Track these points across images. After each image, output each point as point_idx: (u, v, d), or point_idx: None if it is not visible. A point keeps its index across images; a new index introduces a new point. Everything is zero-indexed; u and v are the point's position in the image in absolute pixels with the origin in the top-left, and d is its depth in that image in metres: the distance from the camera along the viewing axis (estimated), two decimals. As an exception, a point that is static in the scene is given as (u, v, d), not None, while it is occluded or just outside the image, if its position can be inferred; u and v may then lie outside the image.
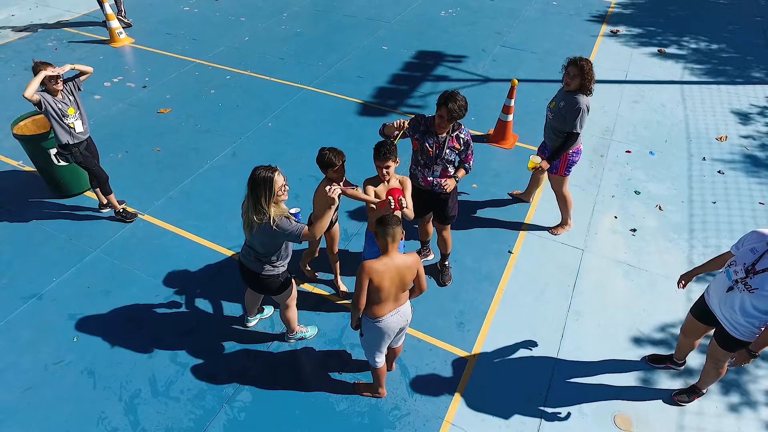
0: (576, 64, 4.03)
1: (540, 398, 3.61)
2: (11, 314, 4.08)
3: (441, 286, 4.37)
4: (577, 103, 4.10)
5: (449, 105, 3.42)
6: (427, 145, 3.67)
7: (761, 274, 2.78)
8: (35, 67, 4.18)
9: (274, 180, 2.90)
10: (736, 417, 3.52)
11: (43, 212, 5.07)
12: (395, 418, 3.47)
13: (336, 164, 3.51)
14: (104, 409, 3.48)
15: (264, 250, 3.14)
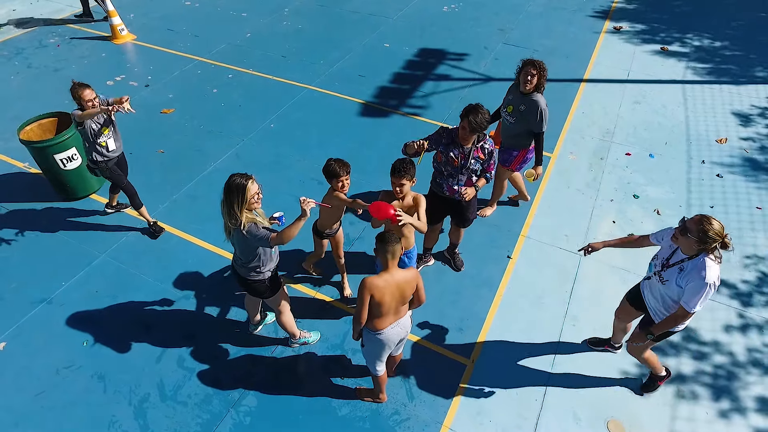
0: (533, 65, 4.13)
1: (536, 403, 3.73)
2: (22, 319, 4.20)
3: (457, 271, 4.60)
4: (537, 104, 4.23)
5: (470, 117, 3.52)
6: (452, 155, 3.75)
7: (672, 267, 3.01)
8: (73, 90, 4.17)
9: (247, 188, 3.00)
10: (726, 423, 3.63)
11: (50, 215, 5.16)
12: (395, 423, 3.59)
13: (341, 175, 3.57)
14: (115, 413, 3.60)
15: (242, 255, 3.25)
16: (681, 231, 2.92)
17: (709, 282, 2.85)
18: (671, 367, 3.95)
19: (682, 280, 2.97)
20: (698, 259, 2.92)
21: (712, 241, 2.81)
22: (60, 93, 6.92)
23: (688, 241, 2.87)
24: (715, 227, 2.81)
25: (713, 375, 3.91)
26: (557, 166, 5.90)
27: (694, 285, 2.90)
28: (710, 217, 2.84)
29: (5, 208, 5.23)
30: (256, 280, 3.36)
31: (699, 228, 2.82)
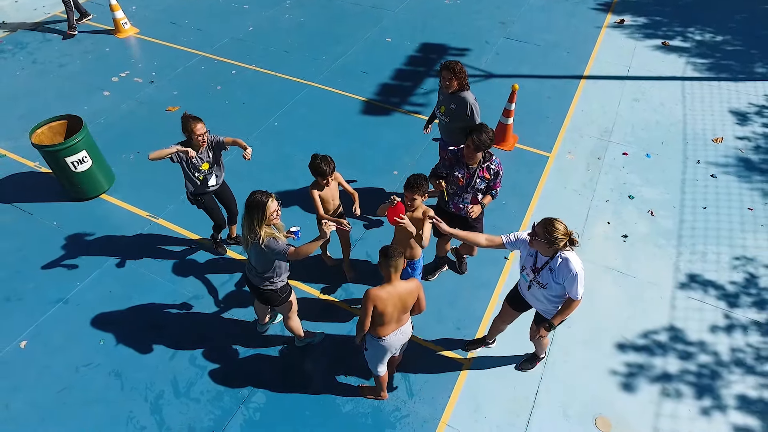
0: (448, 68, 4.22)
1: (529, 401, 3.95)
2: (41, 318, 4.41)
3: (460, 274, 4.76)
4: (466, 101, 4.34)
5: (474, 135, 3.61)
6: (458, 175, 3.86)
7: (543, 270, 3.23)
8: (185, 122, 4.01)
9: (267, 205, 3.18)
10: (707, 420, 3.86)
11: (63, 215, 5.33)
12: (396, 419, 3.82)
13: (326, 171, 3.86)
14: (132, 409, 3.84)
15: (259, 266, 3.42)
16: (532, 236, 3.13)
17: (578, 270, 3.11)
18: (658, 366, 4.17)
19: (558, 278, 3.19)
20: (559, 258, 3.15)
21: (560, 241, 3.03)
22: (64, 91, 7.05)
23: (540, 245, 3.09)
24: (560, 229, 3.04)
25: (697, 374, 4.13)
26: (555, 166, 6.02)
27: (569, 279, 3.14)
28: (554, 220, 3.06)
29: (18, 208, 5.40)
30: (269, 290, 3.54)
31: (545, 231, 3.04)
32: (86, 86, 7.14)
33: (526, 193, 5.64)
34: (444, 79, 4.28)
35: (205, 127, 4.03)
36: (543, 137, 6.43)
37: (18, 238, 5.09)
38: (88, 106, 6.79)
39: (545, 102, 6.98)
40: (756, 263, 4.98)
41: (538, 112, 6.83)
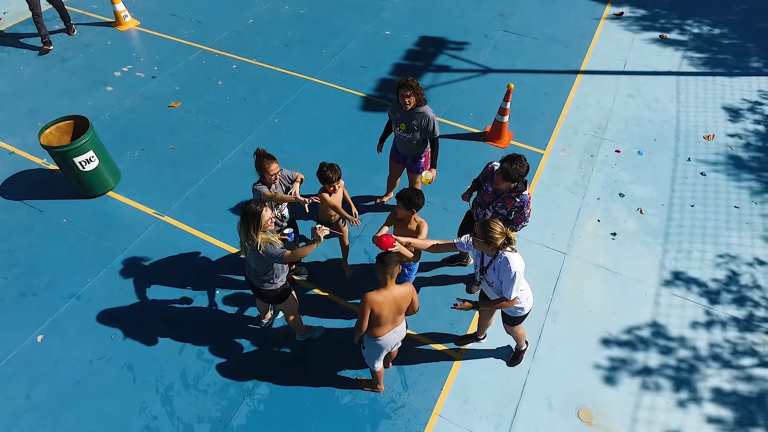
0: (406, 85, 4.31)
1: (516, 393, 4.20)
2: (56, 313, 4.64)
3: (469, 293, 4.87)
4: (425, 116, 4.49)
5: (506, 164, 3.71)
6: (487, 189, 4.03)
7: (488, 269, 3.49)
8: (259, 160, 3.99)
9: (261, 215, 3.38)
10: (682, 412, 4.11)
11: (71, 212, 5.53)
12: (391, 410, 4.08)
13: (333, 181, 4.05)
14: (144, 400, 4.10)
15: (259, 269, 3.63)
16: (473, 238, 3.36)
17: (516, 271, 3.34)
18: (639, 360, 4.41)
19: (501, 276, 3.42)
20: (500, 257, 3.37)
21: (497, 240, 3.26)
22: (68, 86, 7.16)
23: (481, 244, 3.32)
24: (496, 229, 3.27)
25: (676, 368, 4.37)
26: (549, 164, 6.18)
27: (506, 278, 3.38)
28: (491, 222, 3.29)
29: (29, 205, 5.60)
30: (269, 290, 3.76)
31: (483, 232, 3.27)
32: (89, 81, 7.26)
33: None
34: (403, 96, 4.33)
35: (279, 167, 4.02)
36: (538, 134, 6.57)
37: (30, 234, 5.30)
38: (92, 101, 6.92)
39: (541, 98, 7.09)
40: (738, 261, 5.18)
41: (535, 108, 6.95)
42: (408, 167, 5.04)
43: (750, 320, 4.70)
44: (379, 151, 5.13)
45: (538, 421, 4.04)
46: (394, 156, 5.09)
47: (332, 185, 4.16)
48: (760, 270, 5.10)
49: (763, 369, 4.37)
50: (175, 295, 4.80)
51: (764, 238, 5.39)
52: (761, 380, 4.30)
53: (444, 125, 6.66)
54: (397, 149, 4.95)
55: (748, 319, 4.71)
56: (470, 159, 6.21)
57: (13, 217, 5.46)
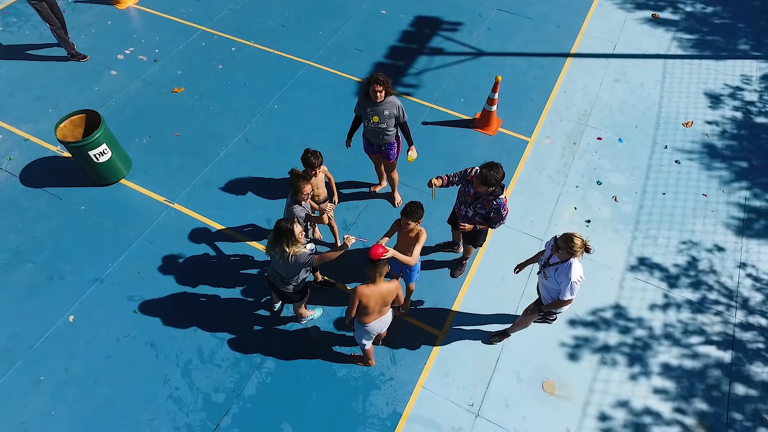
0: (378, 81, 4.68)
1: (490, 367, 4.82)
2: (83, 295, 5.20)
3: (452, 277, 5.38)
4: (394, 104, 4.88)
5: (485, 170, 4.08)
6: (469, 191, 4.43)
7: (549, 267, 4.01)
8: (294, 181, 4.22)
9: (293, 231, 3.85)
10: (633, 384, 4.75)
11: (88, 200, 5.98)
12: (381, 382, 4.71)
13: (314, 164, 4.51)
14: (167, 373, 4.73)
15: (285, 274, 4.14)
16: (555, 248, 3.88)
17: (575, 280, 3.86)
18: (600, 339, 5.01)
19: (558, 277, 3.95)
20: (567, 263, 3.88)
21: (577, 252, 3.77)
22: (74, 70, 7.39)
23: (561, 254, 3.83)
24: (577, 243, 3.74)
25: (632, 346, 4.97)
26: (534, 152, 6.56)
27: (564, 282, 3.91)
28: (573, 236, 3.76)
29: (49, 193, 6.04)
30: (290, 291, 4.30)
31: (566, 245, 3.77)
32: (94, 65, 7.49)
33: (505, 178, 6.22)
34: (374, 91, 4.71)
35: (311, 187, 4.34)
36: (525, 121, 6.90)
37: (52, 221, 5.78)
38: (98, 87, 7.20)
39: (531, 83, 7.35)
40: (699, 247, 5.68)
41: (524, 93, 7.22)
42: (382, 155, 5.39)
43: (702, 302, 5.26)
44: (347, 146, 5.41)
45: (508, 391, 4.68)
46: (368, 149, 5.45)
47: (314, 170, 4.59)
48: (717, 256, 5.61)
49: (707, 346, 4.97)
50: (188, 278, 5.34)
51: (725, 225, 5.86)
52: (704, 356, 4.91)
53: (435, 111, 6.97)
54: (370, 141, 5.28)
55: (701, 301, 5.27)
56: (459, 146, 6.58)
57: (35, 204, 5.92)
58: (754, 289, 5.37)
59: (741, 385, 4.75)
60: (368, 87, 4.77)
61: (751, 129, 6.84)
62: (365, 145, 5.44)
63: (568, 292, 3.91)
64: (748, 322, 5.14)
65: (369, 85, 4.75)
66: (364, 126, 5.14)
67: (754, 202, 6.07)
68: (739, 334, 5.06)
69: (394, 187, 5.85)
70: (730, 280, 5.43)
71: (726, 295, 5.32)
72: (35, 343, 4.89)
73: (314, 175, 4.68)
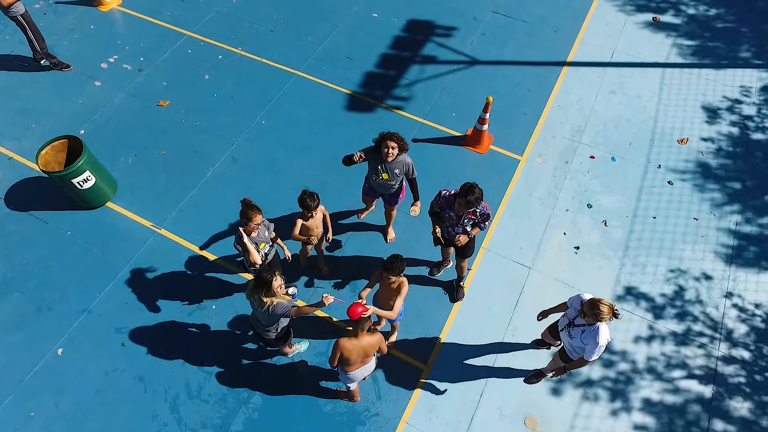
0: (392, 139, 4.57)
1: (474, 402, 4.90)
2: (71, 327, 5.24)
3: (453, 302, 5.43)
4: (406, 163, 4.83)
5: (466, 198, 4.13)
6: (450, 215, 4.49)
7: (575, 327, 4.05)
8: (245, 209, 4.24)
9: (272, 284, 3.83)
10: (614, 419, 4.83)
11: (74, 224, 5.93)
12: (366, 418, 4.80)
13: (311, 206, 4.48)
14: (155, 409, 4.81)
15: (264, 321, 4.15)
16: (582, 314, 3.83)
17: (602, 343, 3.86)
18: (584, 373, 5.07)
19: (584, 339, 3.97)
20: (595, 327, 3.87)
21: (605, 317, 3.75)
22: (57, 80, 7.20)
23: (588, 319, 3.82)
24: (604, 311, 3.71)
25: (615, 380, 5.04)
26: (525, 171, 6.47)
27: (590, 346, 3.91)
28: (600, 302, 3.73)
29: (35, 216, 5.99)
30: (271, 338, 4.32)
31: (592, 312, 3.75)
32: (77, 74, 7.30)
33: (494, 201, 6.16)
34: (386, 149, 4.57)
35: (262, 218, 4.36)
36: (517, 137, 6.78)
37: (39, 247, 5.75)
38: (81, 99, 7.04)
39: (524, 96, 7.19)
40: (687, 276, 5.68)
41: (517, 107, 7.07)
42: (385, 201, 5.38)
43: (687, 334, 5.30)
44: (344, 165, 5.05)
45: (491, 427, 4.77)
46: (368, 193, 5.40)
47: (311, 212, 4.58)
48: (704, 285, 5.62)
49: (689, 381, 5.04)
50: (175, 309, 5.36)
51: (714, 252, 5.85)
52: (685, 391, 4.98)
53: (426, 128, 6.85)
54: (374, 189, 5.23)
55: (685, 333, 5.31)
56: (450, 166, 6.49)
57: (22, 229, 5.89)
58: (739, 320, 5.40)
59: (720, 420, 4.84)
60: (381, 142, 4.62)
61: (747, 147, 6.73)
62: (367, 190, 5.38)
63: (594, 354, 3.91)
64: (730, 354, 5.19)
65: (382, 141, 4.60)
66: (369, 175, 5.03)
67: (744, 227, 6.04)
68: (721, 368, 5.12)
69: (390, 222, 5.77)
70: (715, 311, 5.45)
71: (710, 326, 5.35)
72: (25, 378, 4.95)
73: (311, 217, 4.65)
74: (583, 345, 3.98)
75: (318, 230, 4.89)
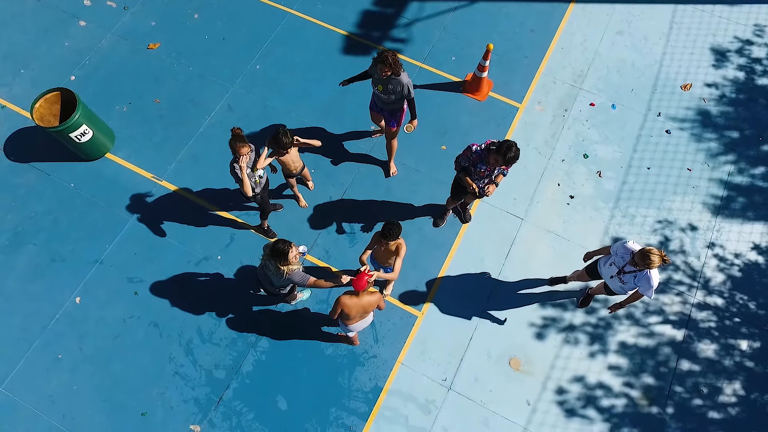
0: (382, 62, 4.63)
1: (464, 345, 5.33)
2: (85, 277, 5.54)
3: (463, 222, 5.71)
4: (400, 83, 4.89)
5: (507, 155, 4.28)
6: (481, 168, 4.61)
7: (626, 274, 4.37)
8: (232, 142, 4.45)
9: (288, 254, 4.06)
10: (590, 360, 5.29)
11: (76, 176, 6.02)
12: (365, 359, 5.25)
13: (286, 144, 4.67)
14: (171, 352, 5.24)
15: (277, 283, 4.41)
16: (632, 263, 4.18)
17: (654, 285, 4.26)
18: (567, 319, 5.45)
19: (637, 282, 4.33)
20: (645, 272, 4.23)
21: (655, 265, 4.06)
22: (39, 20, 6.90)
23: (640, 267, 4.13)
24: (655, 260, 4.03)
25: (595, 326, 5.43)
26: (523, 120, 6.43)
27: (645, 287, 4.30)
28: (650, 253, 4.02)
29: (36, 168, 6.07)
30: (280, 294, 4.60)
31: (644, 262, 4.06)
32: (60, 13, 6.97)
33: (491, 151, 6.20)
34: (380, 70, 4.71)
35: (249, 149, 4.58)
36: (517, 83, 6.64)
37: (45, 199, 5.90)
38: (68, 41, 6.80)
39: (527, 37, 6.93)
40: (673, 226, 5.88)
41: (518, 49, 6.85)
42: (385, 120, 5.45)
43: (667, 283, 5.62)
44: (341, 84, 5.35)
45: (478, 367, 5.24)
46: (373, 107, 5.50)
47: (286, 150, 4.79)
48: (689, 235, 5.85)
49: (663, 326, 5.44)
50: (182, 259, 5.63)
51: (703, 203, 6.00)
52: (659, 335, 5.39)
53: (424, 72, 6.69)
54: (376, 102, 5.35)
55: (665, 282, 5.62)
56: (447, 113, 6.44)
57: (25, 181, 5.99)
58: (718, 269, 5.69)
59: (687, 361, 5.30)
60: (375, 65, 4.74)
61: (750, 93, 6.62)
62: (371, 103, 5.47)
63: (651, 292, 4.28)
64: (705, 302, 5.54)
65: (377, 61, 4.69)
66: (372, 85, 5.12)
67: (736, 177, 6.13)
68: (695, 314, 5.49)
69: (391, 156, 5.88)
70: (696, 260, 5.73)
71: (690, 275, 5.65)
72: (48, 323, 5.34)
73: (287, 153, 4.86)
74: (635, 286, 4.35)
75: (297, 164, 5.14)
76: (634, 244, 4.29)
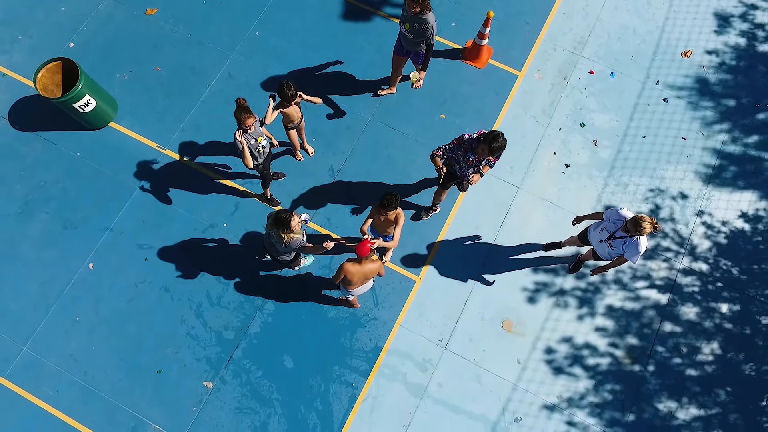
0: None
1: (459, 308, 5.63)
2: (97, 244, 5.77)
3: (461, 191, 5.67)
4: (427, 22, 5.00)
5: (492, 145, 4.33)
6: (469, 158, 4.69)
7: (616, 240, 4.57)
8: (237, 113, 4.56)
9: (290, 223, 4.27)
10: (578, 322, 5.60)
11: (81, 145, 6.14)
12: (365, 321, 5.56)
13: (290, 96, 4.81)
14: (182, 314, 5.55)
15: (281, 249, 4.64)
16: (624, 229, 4.37)
17: (641, 251, 4.47)
18: (558, 284, 5.72)
19: (625, 248, 4.52)
20: (635, 238, 4.42)
21: (646, 232, 4.25)
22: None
23: (631, 233, 4.34)
24: (647, 227, 4.22)
25: (584, 290, 5.71)
26: (522, 88, 6.47)
27: (633, 253, 4.50)
28: (642, 220, 4.20)
29: (42, 137, 6.18)
30: (284, 260, 4.83)
31: (636, 228, 4.26)
32: (54, -24, 6.86)
33: (488, 119, 6.30)
34: (408, 6, 4.86)
35: (255, 118, 4.70)
36: (517, 50, 6.63)
37: (52, 168, 6.04)
38: (65, 6, 6.72)
39: (528, 2, 6.84)
40: (664, 195, 6.06)
41: (519, 15, 6.78)
42: (412, 60, 5.69)
43: (655, 250, 5.86)
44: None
45: (472, 329, 5.56)
46: (398, 50, 5.64)
47: (290, 102, 4.91)
48: (679, 203, 6.03)
49: (648, 290, 5.71)
50: (189, 226, 5.84)
51: (695, 172, 6.15)
52: (644, 299, 5.68)
53: (425, 39, 6.64)
54: (402, 44, 5.49)
55: (654, 248, 5.86)
56: (447, 81, 6.47)
57: (32, 150, 6.11)
58: (705, 236, 5.91)
59: (670, 323, 5.61)
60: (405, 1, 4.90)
61: (750, 60, 6.62)
62: (396, 46, 5.62)
63: (637, 258, 4.48)
64: (690, 267, 5.80)
65: None
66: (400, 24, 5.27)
67: (729, 146, 6.25)
68: (680, 279, 5.76)
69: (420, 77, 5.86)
70: (685, 228, 5.94)
71: (678, 242, 5.88)
72: (65, 288, 5.61)
73: (290, 105, 4.98)
74: (623, 252, 4.56)
75: (298, 116, 5.28)
76: (627, 211, 4.47)
